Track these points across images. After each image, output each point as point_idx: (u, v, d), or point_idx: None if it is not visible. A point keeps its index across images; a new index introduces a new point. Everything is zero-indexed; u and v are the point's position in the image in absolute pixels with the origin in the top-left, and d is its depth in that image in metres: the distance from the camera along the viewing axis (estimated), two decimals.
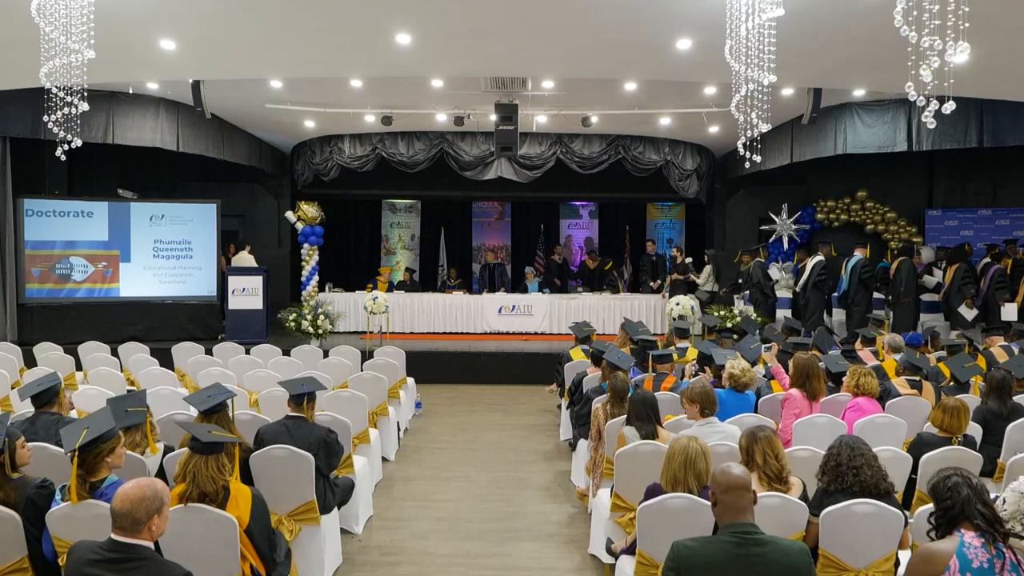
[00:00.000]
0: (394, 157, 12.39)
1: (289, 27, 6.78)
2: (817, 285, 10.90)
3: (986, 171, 12.98)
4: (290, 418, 4.44)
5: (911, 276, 10.57)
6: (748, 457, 3.49)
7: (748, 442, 3.51)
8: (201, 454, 3.24)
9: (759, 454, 3.44)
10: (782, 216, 13.03)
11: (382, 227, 16.48)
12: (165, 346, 8.78)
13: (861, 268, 10.68)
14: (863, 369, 5.13)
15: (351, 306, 12.32)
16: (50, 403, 4.36)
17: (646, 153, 12.49)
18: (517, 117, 9.90)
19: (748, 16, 4.82)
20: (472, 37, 7.13)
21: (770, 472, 3.41)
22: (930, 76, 3.95)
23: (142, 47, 7.20)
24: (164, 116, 10.16)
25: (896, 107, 9.84)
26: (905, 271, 10.54)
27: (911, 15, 3.94)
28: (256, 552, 3.29)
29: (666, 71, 8.10)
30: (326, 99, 10.33)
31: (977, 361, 6.62)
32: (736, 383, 5.20)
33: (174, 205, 11.53)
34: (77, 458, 3.08)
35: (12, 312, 10.19)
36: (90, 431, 3.11)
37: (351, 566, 4.65)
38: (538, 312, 12.47)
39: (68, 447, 3.09)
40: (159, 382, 6.48)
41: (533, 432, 7.86)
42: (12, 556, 3.10)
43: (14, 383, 6.87)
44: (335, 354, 8.03)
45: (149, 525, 2.49)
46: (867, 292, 10.78)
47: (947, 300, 10.74)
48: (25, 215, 10.33)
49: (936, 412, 4.41)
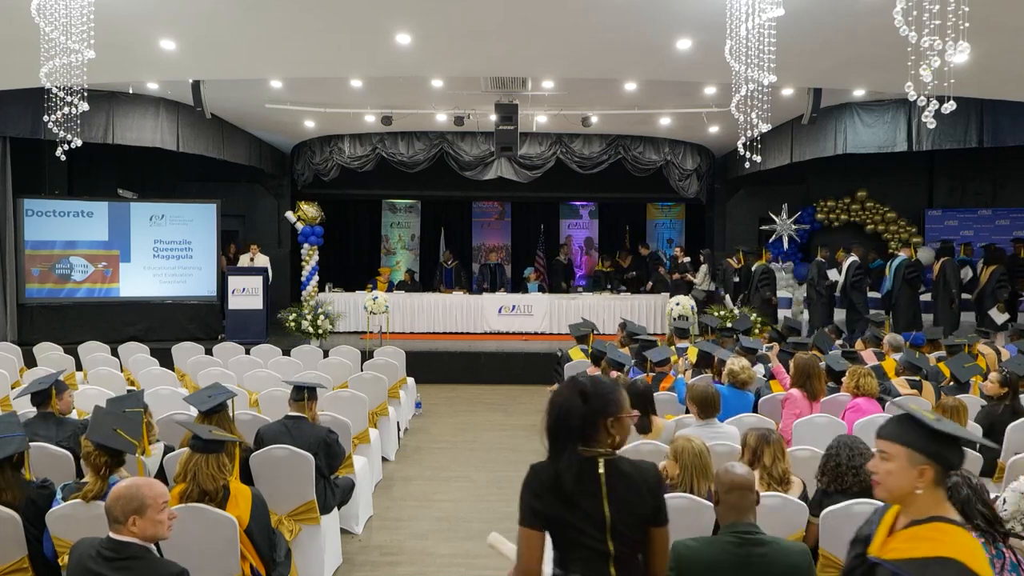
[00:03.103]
0: (394, 157, 12.39)
1: (289, 27, 6.78)
2: (855, 286, 10.87)
3: (986, 171, 12.98)
4: (290, 418, 4.44)
5: (956, 276, 10.50)
6: (754, 456, 3.47)
7: (758, 442, 3.48)
8: (202, 453, 3.24)
9: (768, 456, 3.42)
10: (782, 216, 13.03)
11: (382, 227, 16.48)
12: (165, 346, 8.78)
13: (906, 268, 10.63)
14: (863, 370, 5.13)
15: (351, 306, 12.32)
16: (44, 403, 4.37)
17: (646, 153, 12.49)
18: (517, 117, 9.91)
19: (748, 16, 4.82)
20: (472, 37, 7.14)
21: (775, 474, 3.40)
22: (930, 76, 3.95)
23: (142, 47, 7.20)
24: (164, 116, 10.17)
25: (896, 107, 9.84)
26: (950, 271, 10.48)
27: (911, 15, 3.94)
28: (256, 552, 3.29)
29: (666, 71, 8.10)
30: (326, 99, 10.33)
31: (977, 362, 6.62)
32: (735, 379, 5.20)
33: (174, 205, 11.53)
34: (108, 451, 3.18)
35: (12, 312, 10.19)
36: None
37: (351, 566, 4.65)
38: (538, 312, 12.47)
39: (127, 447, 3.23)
40: (159, 382, 6.48)
41: (533, 432, 7.81)
42: (12, 556, 3.10)
43: (14, 383, 6.87)
44: (335, 354, 8.03)
45: (128, 524, 2.49)
46: (912, 292, 10.72)
47: (979, 301, 10.67)
48: (25, 215, 10.33)
49: (936, 412, 4.41)
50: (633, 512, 2.09)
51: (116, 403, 3.91)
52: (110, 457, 3.20)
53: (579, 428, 2.10)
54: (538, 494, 2.11)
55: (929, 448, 1.85)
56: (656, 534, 2.14)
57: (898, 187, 13.19)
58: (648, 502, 2.11)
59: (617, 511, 2.07)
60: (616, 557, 2.07)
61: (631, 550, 2.11)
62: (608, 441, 2.14)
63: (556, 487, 2.08)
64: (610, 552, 2.07)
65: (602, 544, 2.07)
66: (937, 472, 1.84)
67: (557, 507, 2.08)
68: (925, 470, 1.85)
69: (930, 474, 1.85)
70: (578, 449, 2.10)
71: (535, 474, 2.15)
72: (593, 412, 2.11)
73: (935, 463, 1.84)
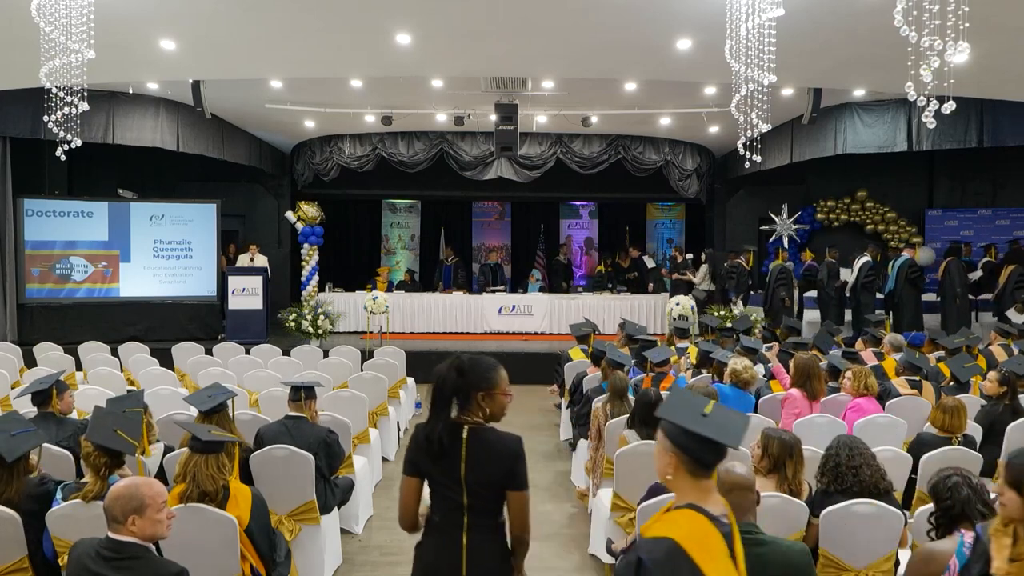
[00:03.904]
0: (394, 157, 12.39)
1: (289, 27, 6.78)
2: (865, 286, 10.87)
3: (986, 171, 12.98)
4: (290, 418, 4.43)
5: (962, 275, 10.50)
6: (773, 464, 3.40)
7: (781, 452, 3.39)
8: (201, 453, 3.24)
9: (790, 469, 3.37)
10: (782, 216, 13.03)
11: (382, 227, 16.49)
12: (165, 346, 8.78)
13: (908, 268, 10.64)
14: (865, 370, 5.13)
15: (351, 306, 12.32)
16: (45, 403, 4.37)
17: (646, 153, 12.49)
18: (517, 117, 9.91)
19: (748, 16, 4.82)
20: (472, 37, 7.14)
21: (795, 487, 3.37)
22: (930, 76, 3.96)
23: (142, 47, 7.20)
24: (164, 116, 10.17)
25: (896, 107, 9.84)
26: (955, 270, 10.47)
27: (911, 15, 3.94)
28: (256, 552, 3.29)
29: (666, 71, 8.11)
30: (326, 99, 10.33)
31: (978, 361, 6.62)
32: (738, 379, 5.20)
33: (174, 205, 11.54)
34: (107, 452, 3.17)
35: (12, 312, 10.19)
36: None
37: (351, 566, 4.65)
38: (538, 312, 12.47)
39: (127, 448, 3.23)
40: (159, 382, 6.47)
41: (533, 432, 7.85)
42: (12, 556, 3.10)
43: (14, 383, 6.87)
44: (335, 354, 8.03)
45: (128, 524, 2.48)
46: (915, 292, 10.71)
47: (998, 301, 10.65)
48: (25, 215, 10.33)
49: (936, 412, 4.41)
50: (487, 474, 2.43)
51: (116, 403, 3.92)
52: (110, 457, 3.20)
53: (451, 398, 2.46)
54: (414, 449, 2.51)
55: (678, 440, 1.95)
56: (512, 496, 2.46)
57: (898, 187, 13.19)
58: (504, 468, 2.44)
59: (471, 471, 2.42)
60: (469, 507, 2.44)
61: (486, 504, 2.46)
62: (479, 413, 2.47)
63: (427, 445, 2.45)
64: (464, 503, 2.44)
65: (459, 496, 2.44)
66: (686, 463, 1.94)
67: (427, 461, 2.47)
68: (672, 459, 1.97)
69: (676, 463, 1.96)
70: (451, 416, 2.46)
71: (416, 432, 2.54)
72: (467, 385, 2.46)
73: (684, 455, 1.94)
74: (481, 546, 2.45)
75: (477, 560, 2.44)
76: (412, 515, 2.53)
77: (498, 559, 2.49)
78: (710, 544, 1.85)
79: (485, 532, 2.47)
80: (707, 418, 1.96)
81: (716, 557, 1.84)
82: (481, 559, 2.44)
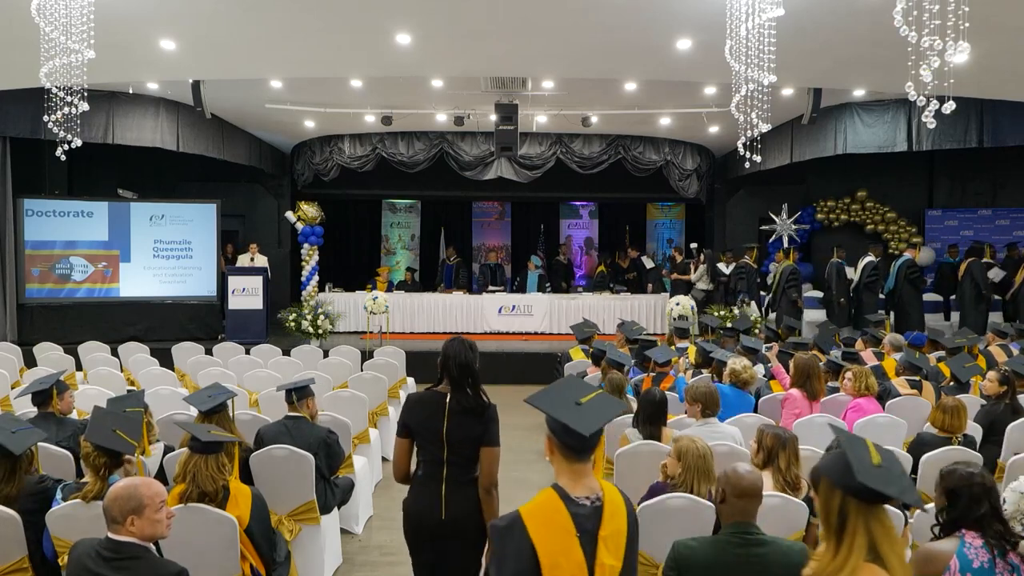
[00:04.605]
0: (394, 157, 12.39)
1: (289, 27, 6.78)
2: (868, 286, 10.88)
3: (986, 171, 12.98)
4: (290, 418, 4.43)
5: (983, 277, 10.47)
6: (768, 457, 3.43)
7: (774, 444, 3.42)
8: (201, 454, 3.24)
9: (783, 460, 3.39)
10: (782, 216, 13.03)
11: (382, 227, 16.49)
12: (165, 346, 8.77)
13: (908, 268, 10.65)
14: (865, 370, 5.13)
15: (351, 306, 12.31)
16: (45, 403, 4.37)
17: (646, 153, 12.49)
18: (517, 117, 9.91)
19: (748, 16, 4.82)
20: (472, 37, 7.14)
21: (790, 479, 3.38)
22: (930, 76, 3.96)
23: (142, 47, 7.20)
24: (164, 116, 10.17)
25: (896, 107, 9.84)
26: (978, 272, 10.45)
27: (911, 15, 3.94)
28: (256, 552, 3.29)
29: (666, 71, 8.11)
30: (326, 99, 10.33)
31: (978, 361, 6.62)
32: (738, 379, 5.20)
33: (174, 205, 11.53)
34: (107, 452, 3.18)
35: (12, 312, 10.19)
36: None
37: (351, 566, 4.65)
38: (538, 312, 12.46)
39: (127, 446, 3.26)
40: (159, 382, 6.47)
41: (533, 432, 7.83)
42: (12, 556, 3.10)
43: (14, 383, 6.87)
44: (335, 354, 8.03)
45: (126, 524, 2.48)
46: (916, 292, 10.72)
47: (1015, 301, 10.63)
48: (25, 215, 10.33)
49: (936, 412, 4.41)
50: (465, 433, 2.95)
51: (116, 403, 3.92)
52: (109, 458, 3.20)
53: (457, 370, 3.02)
54: (407, 412, 3.07)
55: (550, 425, 2.09)
56: (484, 451, 2.96)
57: (898, 187, 13.18)
58: (479, 428, 2.95)
59: (450, 431, 2.95)
60: (448, 461, 2.97)
61: (463, 459, 2.97)
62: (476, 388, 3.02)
63: (419, 407, 3.04)
64: (444, 458, 2.97)
65: (439, 452, 2.97)
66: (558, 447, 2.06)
67: (416, 422, 3.02)
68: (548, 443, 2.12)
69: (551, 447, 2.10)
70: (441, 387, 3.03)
71: (409, 398, 3.13)
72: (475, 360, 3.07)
73: (555, 439, 2.07)
74: (456, 495, 2.95)
75: (453, 506, 2.95)
76: (404, 470, 3.07)
77: (471, 506, 2.96)
78: (552, 520, 1.99)
79: (461, 484, 2.96)
80: (579, 407, 2.05)
81: (553, 532, 1.98)
82: (456, 506, 2.95)
